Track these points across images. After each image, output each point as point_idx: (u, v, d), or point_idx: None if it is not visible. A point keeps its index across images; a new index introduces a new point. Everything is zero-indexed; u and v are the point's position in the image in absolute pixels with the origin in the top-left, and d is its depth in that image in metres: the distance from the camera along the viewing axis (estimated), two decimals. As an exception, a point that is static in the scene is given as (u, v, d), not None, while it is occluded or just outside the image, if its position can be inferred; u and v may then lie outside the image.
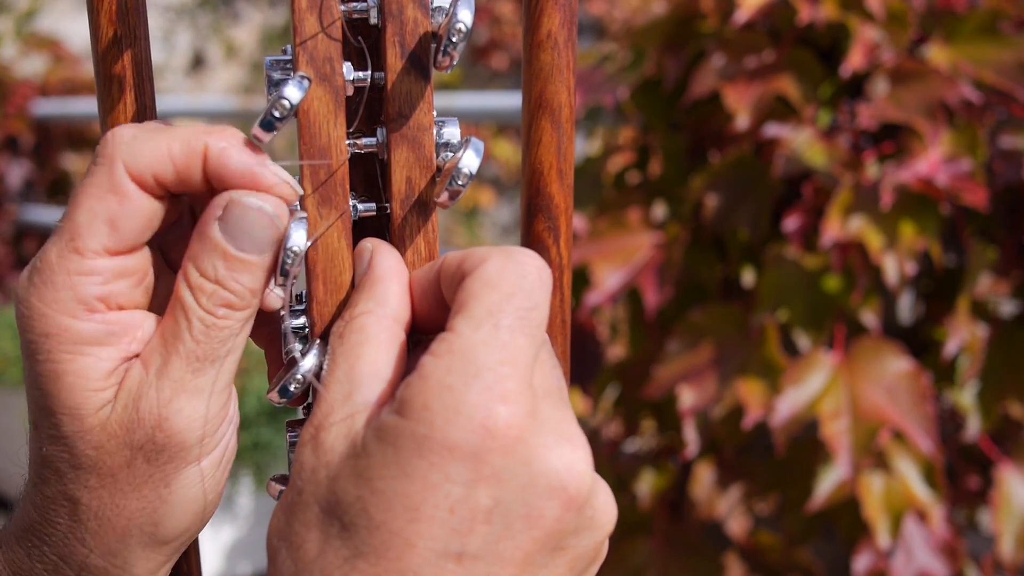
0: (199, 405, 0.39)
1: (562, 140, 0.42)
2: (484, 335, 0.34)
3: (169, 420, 0.38)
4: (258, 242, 0.38)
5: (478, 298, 0.35)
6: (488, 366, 0.34)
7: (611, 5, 4.03)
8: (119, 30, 0.42)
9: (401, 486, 0.33)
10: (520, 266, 0.36)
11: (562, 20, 0.41)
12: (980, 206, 1.18)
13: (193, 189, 0.39)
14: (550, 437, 0.35)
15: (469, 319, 0.35)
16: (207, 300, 0.38)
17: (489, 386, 0.33)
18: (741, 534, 1.48)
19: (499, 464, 0.33)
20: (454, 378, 0.33)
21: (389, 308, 0.38)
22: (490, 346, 0.34)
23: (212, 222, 0.38)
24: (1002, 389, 1.29)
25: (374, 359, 0.37)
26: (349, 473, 0.34)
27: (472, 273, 0.36)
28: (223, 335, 0.39)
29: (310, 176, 0.39)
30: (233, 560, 2.44)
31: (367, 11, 0.39)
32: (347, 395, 0.36)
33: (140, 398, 0.38)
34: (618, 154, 1.62)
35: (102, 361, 0.38)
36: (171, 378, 0.38)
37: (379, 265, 0.39)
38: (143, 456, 0.39)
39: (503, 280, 0.35)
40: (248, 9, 4.69)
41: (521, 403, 0.34)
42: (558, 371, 0.38)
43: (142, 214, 0.38)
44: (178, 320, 0.38)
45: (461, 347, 0.34)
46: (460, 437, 0.33)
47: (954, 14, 1.32)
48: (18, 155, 3.20)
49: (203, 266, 0.38)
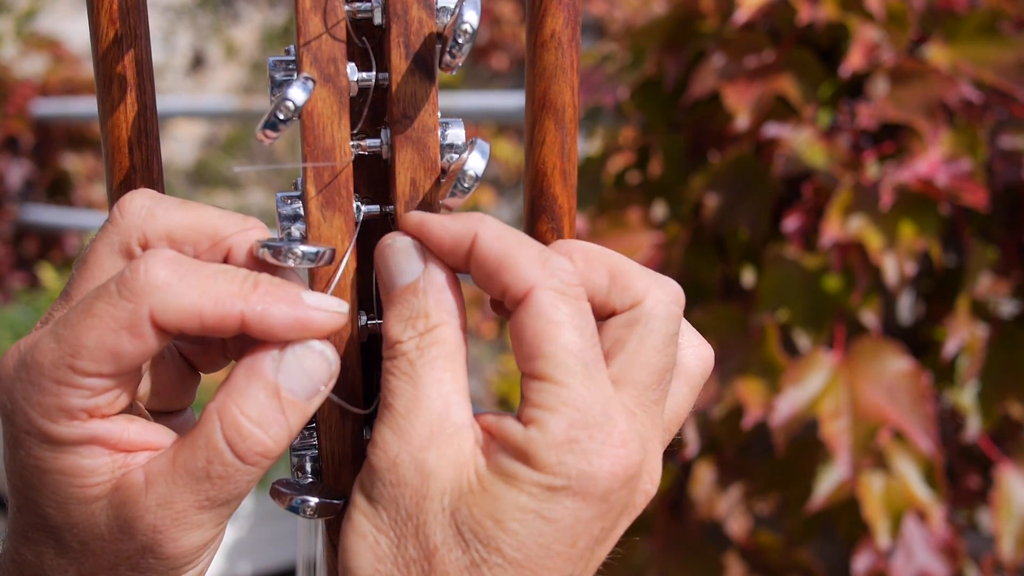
0: (196, 537, 0.37)
1: (566, 140, 0.42)
2: (588, 385, 0.36)
3: (163, 547, 0.37)
4: (312, 386, 0.37)
5: (564, 348, 0.36)
6: (603, 414, 0.36)
7: (611, 5, 4.03)
8: (120, 30, 0.41)
9: (536, 528, 0.35)
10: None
11: (566, 20, 0.41)
12: (980, 206, 1.18)
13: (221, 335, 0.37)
14: (652, 456, 0.39)
15: (566, 370, 0.36)
16: (242, 443, 0.36)
17: (609, 434, 0.36)
18: (741, 534, 1.48)
19: (620, 497, 0.37)
20: (577, 431, 0.36)
21: (461, 318, 0.38)
22: (596, 394, 0.36)
23: (268, 360, 0.36)
24: (1002, 389, 1.29)
25: (461, 374, 0.37)
26: (479, 512, 0.35)
27: (530, 310, 0.36)
28: (245, 479, 0.37)
29: (314, 178, 0.39)
30: (233, 560, 2.44)
31: (371, 11, 0.39)
32: (443, 415, 0.36)
33: (136, 519, 0.36)
34: (618, 154, 1.62)
35: (86, 459, 0.36)
36: (174, 510, 0.36)
37: (438, 272, 0.38)
38: (128, 565, 0.38)
39: (572, 324, 0.37)
40: (248, 9, 4.68)
41: (635, 441, 0.37)
42: (647, 367, 0.39)
43: (151, 352, 0.36)
44: (198, 458, 0.36)
45: (573, 400, 0.36)
46: (592, 485, 0.36)
47: (954, 14, 1.32)
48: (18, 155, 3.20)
49: (247, 404, 0.36)
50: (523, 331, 0.36)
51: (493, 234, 0.37)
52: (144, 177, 0.43)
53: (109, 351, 0.35)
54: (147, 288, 0.35)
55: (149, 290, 0.35)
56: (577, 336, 0.36)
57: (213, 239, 0.39)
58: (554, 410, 0.36)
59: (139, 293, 0.35)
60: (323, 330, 0.37)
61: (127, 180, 0.43)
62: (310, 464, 0.43)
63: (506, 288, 0.37)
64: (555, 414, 0.36)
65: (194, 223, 0.39)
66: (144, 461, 0.37)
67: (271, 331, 0.36)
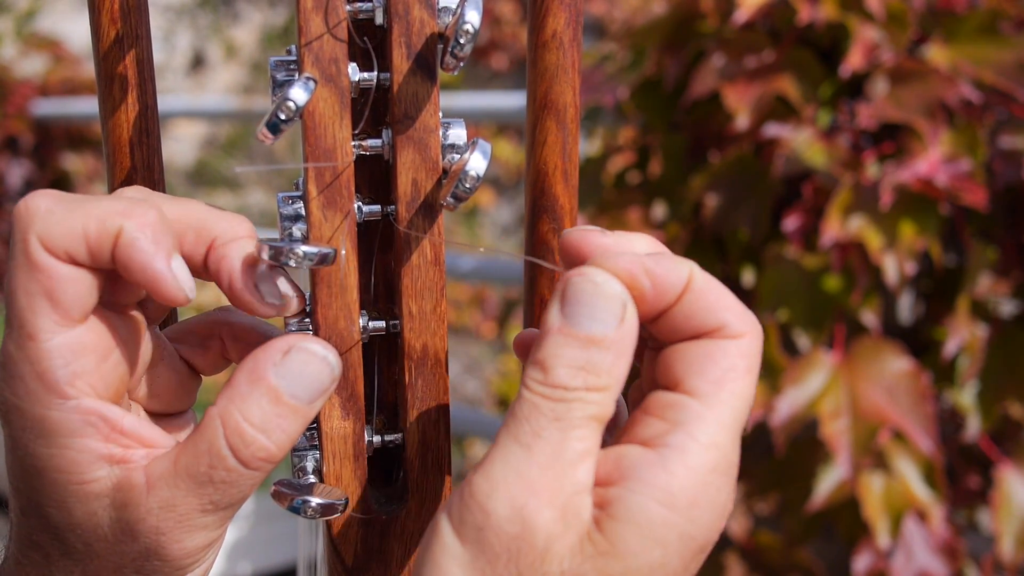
0: (200, 539, 0.38)
1: (567, 141, 0.42)
2: (726, 439, 0.35)
3: (167, 549, 0.37)
4: (314, 391, 0.37)
5: (738, 397, 0.36)
6: (734, 463, 0.35)
7: (611, 5, 4.03)
8: (121, 30, 0.41)
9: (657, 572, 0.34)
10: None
11: (567, 20, 0.41)
12: (980, 206, 1.19)
13: (107, 268, 0.37)
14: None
15: (714, 424, 0.35)
16: (245, 449, 0.36)
17: (732, 480, 0.35)
18: (741, 534, 1.48)
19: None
20: (716, 476, 0.35)
21: (622, 387, 0.37)
22: (735, 442, 0.36)
23: (270, 364, 0.36)
24: (1002, 389, 1.29)
25: (600, 440, 0.36)
26: (620, 568, 0.34)
27: (740, 349, 0.36)
28: (248, 483, 0.37)
29: (315, 178, 0.39)
30: (233, 560, 2.44)
31: (373, 11, 0.39)
32: (583, 477, 0.34)
33: (139, 521, 0.37)
34: (618, 154, 1.62)
35: (82, 454, 0.36)
36: (177, 513, 0.37)
37: (631, 337, 0.36)
38: (133, 567, 0.38)
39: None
40: (248, 9, 4.68)
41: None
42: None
43: (74, 284, 0.36)
44: (200, 463, 0.36)
45: (716, 443, 0.35)
46: (710, 537, 0.35)
47: (954, 14, 1.32)
48: (18, 155, 3.20)
49: (249, 410, 0.36)
50: (707, 363, 0.35)
51: (705, 276, 0.37)
52: (145, 177, 0.44)
53: (38, 297, 0.36)
54: (30, 221, 0.36)
55: (32, 221, 0.36)
56: (751, 388, 0.36)
57: (199, 232, 0.39)
58: (707, 448, 0.34)
59: (23, 229, 0.36)
60: (160, 294, 0.36)
61: (128, 180, 0.43)
62: (311, 464, 0.43)
63: (724, 325, 0.36)
64: (707, 452, 0.34)
65: (181, 215, 0.39)
66: (143, 460, 0.37)
67: (126, 265, 0.36)
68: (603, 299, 0.35)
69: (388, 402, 0.45)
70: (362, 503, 0.42)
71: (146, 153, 0.43)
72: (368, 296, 0.43)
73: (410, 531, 0.43)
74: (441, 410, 0.43)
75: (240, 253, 0.38)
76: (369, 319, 0.42)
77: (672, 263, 0.36)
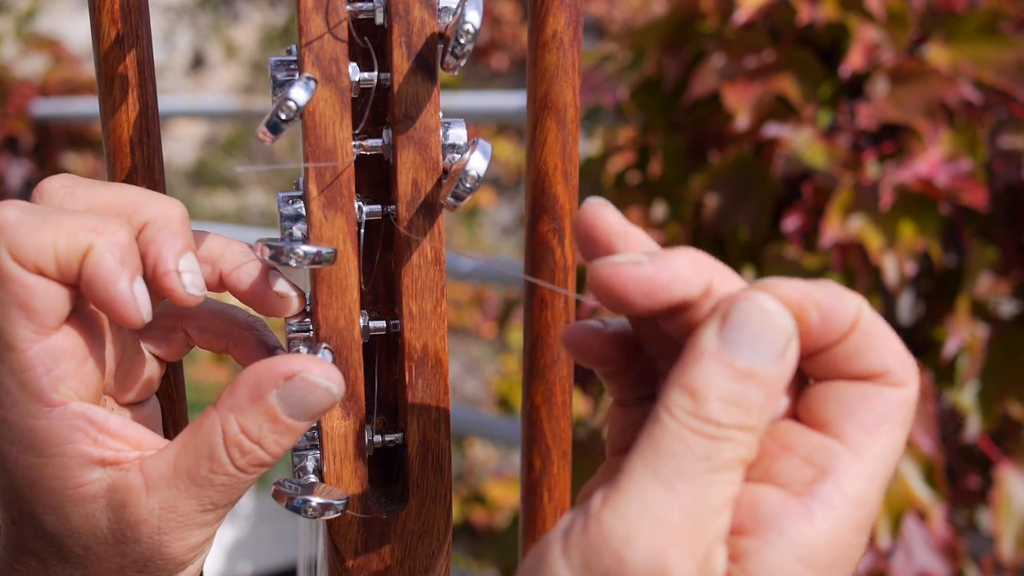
0: (200, 535, 0.39)
1: (567, 141, 0.42)
2: (873, 496, 0.33)
3: (169, 547, 0.38)
4: (313, 415, 0.38)
5: (888, 449, 0.33)
6: (873, 521, 0.34)
7: (611, 5, 4.03)
8: (121, 30, 0.41)
9: None
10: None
11: (568, 20, 0.41)
12: (980, 206, 1.19)
13: (74, 284, 0.37)
14: None
15: (865, 478, 0.32)
16: (242, 458, 0.38)
17: (867, 540, 0.33)
18: (741, 534, 1.47)
19: None
20: (856, 536, 0.32)
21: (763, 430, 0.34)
22: (879, 500, 0.34)
23: (272, 387, 0.37)
24: (1002, 389, 1.29)
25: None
26: None
27: (899, 399, 0.33)
28: (246, 484, 0.39)
29: (315, 178, 0.39)
30: (233, 560, 2.44)
31: (373, 11, 0.39)
32: (722, 524, 0.31)
33: (140, 522, 0.37)
34: (618, 154, 1.62)
35: (74, 459, 0.37)
36: (179, 513, 0.38)
37: (788, 374, 0.32)
38: (135, 568, 0.39)
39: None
40: (248, 9, 4.68)
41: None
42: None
43: (47, 294, 0.36)
44: (201, 466, 0.37)
45: (864, 499, 0.33)
46: None
47: (954, 14, 1.32)
48: (18, 155, 3.20)
49: (248, 424, 0.37)
50: (864, 409, 0.32)
51: (873, 314, 0.33)
52: (145, 177, 0.44)
53: (12, 307, 0.35)
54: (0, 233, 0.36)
55: (1, 234, 0.35)
56: (903, 444, 0.33)
57: (131, 218, 0.39)
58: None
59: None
60: (118, 315, 0.36)
61: (128, 180, 0.43)
62: (312, 464, 0.43)
63: (888, 371, 0.33)
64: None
65: (115, 201, 0.39)
66: (135, 460, 0.38)
67: (90, 283, 0.36)
68: (771, 330, 0.31)
69: (388, 402, 0.45)
70: (362, 503, 0.42)
71: (146, 153, 0.43)
72: (368, 296, 0.43)
73: (410, 531, 0.44)
74: (441, 410, 0.43)
75: (118, 251, 0.37)
76: (369, 319, 0.42)
77: (842, 296, 0.33)
